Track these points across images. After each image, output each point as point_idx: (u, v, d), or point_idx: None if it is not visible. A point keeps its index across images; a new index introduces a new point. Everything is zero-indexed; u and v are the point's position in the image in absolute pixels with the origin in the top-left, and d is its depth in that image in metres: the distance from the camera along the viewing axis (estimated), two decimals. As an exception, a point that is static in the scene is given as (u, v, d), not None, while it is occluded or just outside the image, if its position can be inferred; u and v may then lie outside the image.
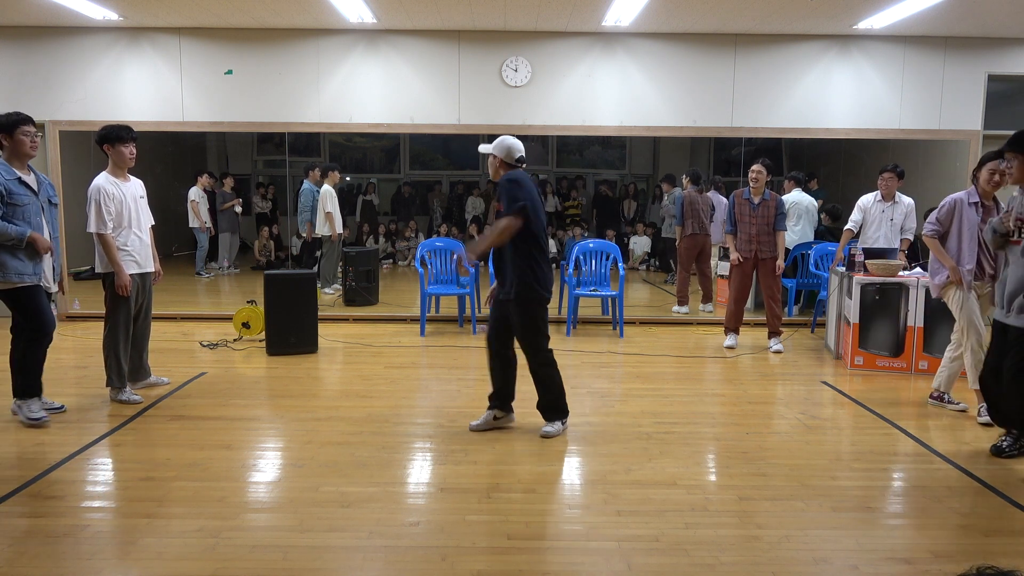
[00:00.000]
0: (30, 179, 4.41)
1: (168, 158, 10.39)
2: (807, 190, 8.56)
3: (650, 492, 3.57)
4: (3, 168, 4.29)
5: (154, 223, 5.21)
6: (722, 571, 2.86)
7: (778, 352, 6.60)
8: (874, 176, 6.60)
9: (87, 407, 4.81)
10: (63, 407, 4.72)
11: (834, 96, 7.81)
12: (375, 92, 7.75)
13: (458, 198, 12.85)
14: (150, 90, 7.70)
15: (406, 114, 7.78)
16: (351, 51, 7.71)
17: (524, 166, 4.31)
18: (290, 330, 6.29)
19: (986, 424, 4.62)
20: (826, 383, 5.65)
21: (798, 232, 7.95)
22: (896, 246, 6.43)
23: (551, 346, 4.37)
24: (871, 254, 6.16)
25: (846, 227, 6.71)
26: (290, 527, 3.18)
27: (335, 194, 9.08)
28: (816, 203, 8.26)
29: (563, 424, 4.41)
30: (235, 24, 7.48)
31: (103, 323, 4.99)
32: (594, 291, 7.48)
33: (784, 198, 7.57)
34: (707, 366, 6.17)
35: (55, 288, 4.67)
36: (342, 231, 9.37)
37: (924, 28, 7.36)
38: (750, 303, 7.53)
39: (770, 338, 6.71)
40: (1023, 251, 3.95)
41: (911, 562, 2.95)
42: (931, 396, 5.10)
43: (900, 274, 6.04)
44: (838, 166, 10.29)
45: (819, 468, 3.92)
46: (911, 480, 3.83)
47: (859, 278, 6.00)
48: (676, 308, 8.29)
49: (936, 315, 5.79)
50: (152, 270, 5.16)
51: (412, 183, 12.81)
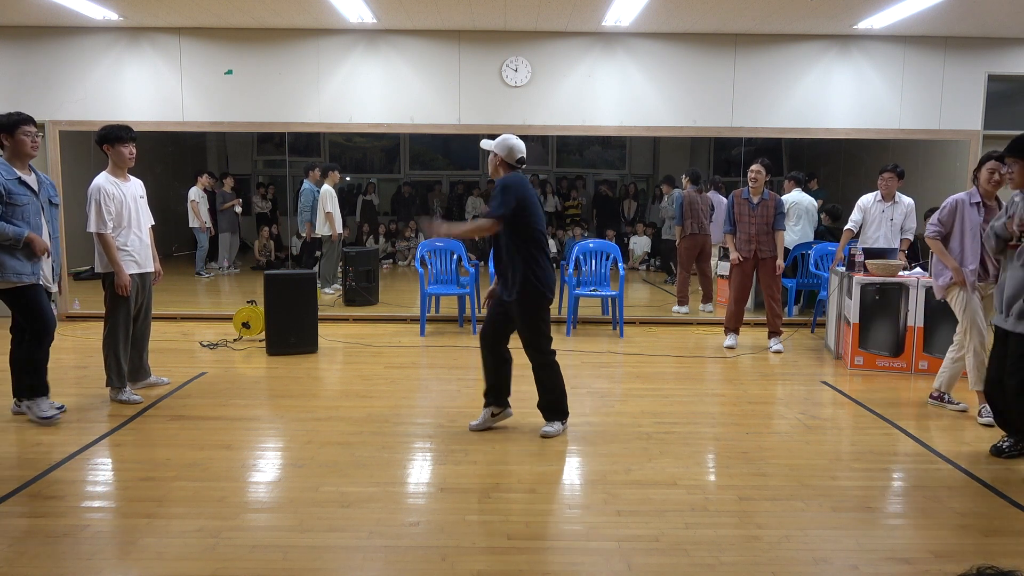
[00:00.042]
0: (31, 179, 4.42)
1: (168, 158, 10.39)
2: (807, 190, 8.55)
3: (650, 492, 3.58)
4: (3, 168, 4.29)
5: (154, 223, 5.21)
6: (722, 571, 2.86)
7: (778, 352, 6.60)
8: (874, 176, 6.60)
9: (87, 407, 4.81)
10: (63, 407, 4.72)
11: (834, 96, 7.81)
12: (375, 92, 7.75)
13: (458, 198, 12.85)
14: (150, 90, 7.71)
15: (406, 114, 7.78)
16: (351, 51, 7.71)
17: (524, 167, 4.31)
18: (290, 330, 6.29)
19: (986, 424, 4.62)
20: (826, 383, 5.65)
21: (798, 232, 7.95)
22: (896, 246, 6.43)
23: (553, 347, 4.37)
24: (871, 254, 6.16)
25: (846, 227, 6.71)
26: (290, 527, 3.18)
27: (335, 194, 9.08)
28: (816, 203, 8.26)
29: (563, 425, 4.41)
30: (235, 24, 7.48)
31: (103, 323, 4.99)
32: (594, 291, 7.48)
33: (784, 198, 7.58)
34: (707, 366, 6.18)
35: (55, 288, 4.67)
36: (342, 231, 9.37)
37: (924, 28, 7.36)
38: (750, 303, 7.52)
39: (770, 338, 6.71)
40: (1019, 254, 3.93)
41: (911, 562, 2.95)
42: (931, 396, 5.10)
43: (900, 274, 6.04)
44: (838, 166, 10.29)
45: (819, 468, 3.92)
46: (911, 480, 3.83)
47: (859, 278, 6.01)
48: (676, 308, 8.29)
49: (936, 315, 5.80)
50: (152, 270, 5.16)
51: (412, 183, 12.81)
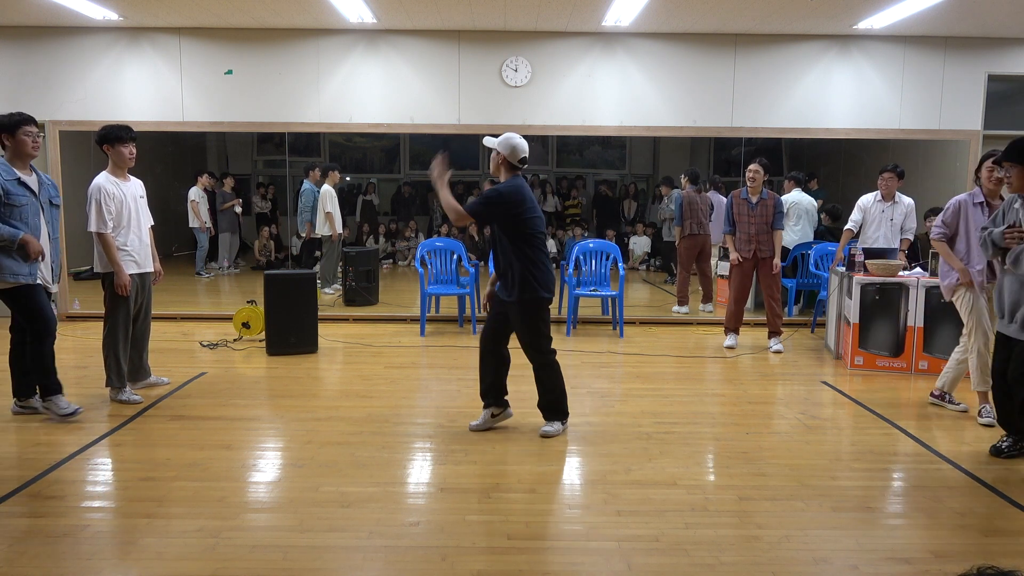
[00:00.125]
0: (31, 180, 4.41)
1: (168, 158, 10.39)
2: (807, 190, 8.55)
3: (650, 492, 3.58)
4: (3, 169, 4.29)
5: (153, 223, 5.21)
6: (722, 571, 2.86)
7: (778, 352, 6.60)
8: (874, 176, 6.60)
9: (87, 407, 4.80)
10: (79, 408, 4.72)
11: (834, 96, 7.81)
12: (375, 92, 7.75)
13: (458, 198, 12.79)
14: (150, 90, 7.71)
15: (406, 114, 7.78)
16: (351, 51, 7.71)
17: (526, 166, 4.31)
18: (290, 330, 6.29)
19: (987, 424, 4.62)
20: (826, 383, 5.65)
21: (798, 232, 7.94)
22: (896, 246, 6.43)
23: (553, 347, 4.37)
24: (871, 254, 6.16)
25: (846, 227, 6.71)
26: (290, 527, 3.18)
27: (335, 194, 9.08)
28: (816, 203, 8.26)
29: (563, 425, 4.41)
30: (235, 24, 7.48)
31: (103, 323, 4.99)
32: (594, 291, 7.48)
33: (784, 198, 7.58)
34: (707, 366, 6.17)
35: (55, 288, 4.66)
36: (342, 231, 9.37)
37: (924, 28, 7.36)
38: (750, 303, 7.52)
39: (770, 338, 6.71)
40: (1013, 259, 3.91)
41: (911, 562, 2.95)
42: (932, 394, 5.09)
43: (900, 274, 6.04)
44: (838, 166, 10.29)
45: (819, 468, 3.92)
46: (911, 480, 3.83)
47: (859, 278, 6.01)
48: (676, 308, 8.29)
49: (936, 315, 5.80)
50: (151, 270, 5.16)
51: (412, 183, 12.81)
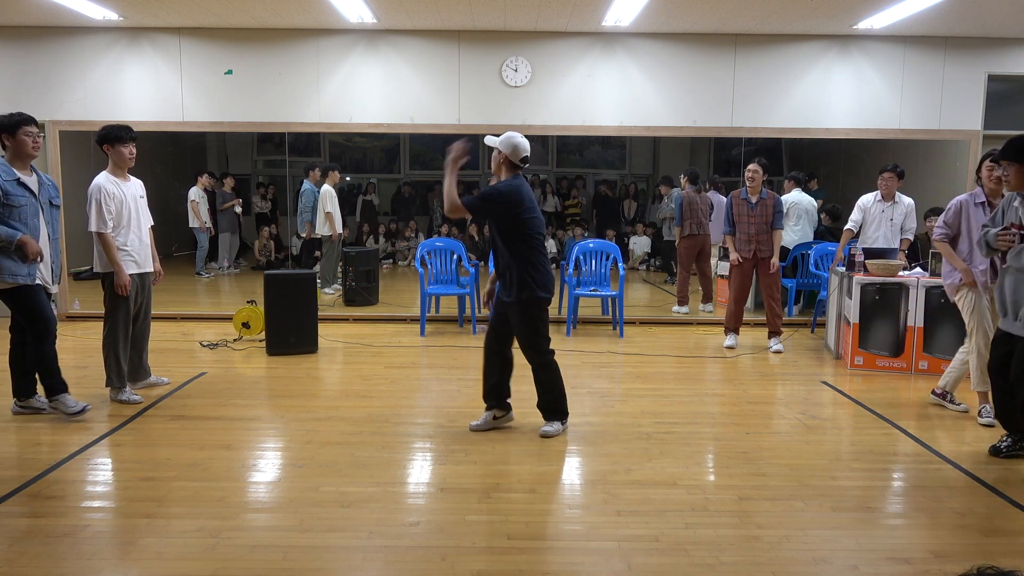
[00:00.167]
0: (31, 180, 4.41)
1: (168, 158, 10.39)
2: (807, 190, 8.55)
3: (650, 492, 3.58)
4: (2, 169, 4.29)
5: (153, 223, 5.21)
6: (722, 571, 2.86)
7: (778, 352, 6.60)
8: (874, 176, 6.60)
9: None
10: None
11: (834, 96, 7.81)
12: (375, 92, 7.75)
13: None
14: (150, 90, 7.71)
15: (406, 114, 7.78)
16: (351, 51, 7.71)
17: (528, 165, 4.31)
18: (290, 330, 6.29)
19: (986, 424, 4.62)
20: (826, 383, 5.65)
21: (798, 232, 7.95)
22: (896, 246, 6.43)
23: (552, 347, 4.37)
24: (871, 254, 6.16)
25: (846, 227, 6.71)
26: (290, 527, 3.18)
27: (335, 194, 9.08)
28: (816, 203, 8.26)
29: (562, 425, 4.40)
30: (235, 24, 7.48)
31: (103, 323, 4.99)
32: (594, 291, 7.48)
33: (784, 198, 7.58)
34: (707, 366, 6.17)
35: (55, 289, 4.66)
36: (342, 231, 9.37)
37: (924, 28, 7.36)
38: (750, 303, 7.52)
39: (770, 338, 6.71)
40: (1017, 255, 3.91)
41: (911, 562, 2.95)
42: (934, 392, 5.07)
43: (900, 274, 6.04)
44: (838, 166, 10.29)
45: (819, 468, 3.92)
46: (911, 480, 3.83)
47: (859, 278, 6.00)
48: (676, 308, 8.29)
49: (936, 315, 5.80)
50: (151, 270, 5.16)
51: (412, 183, 12.81)
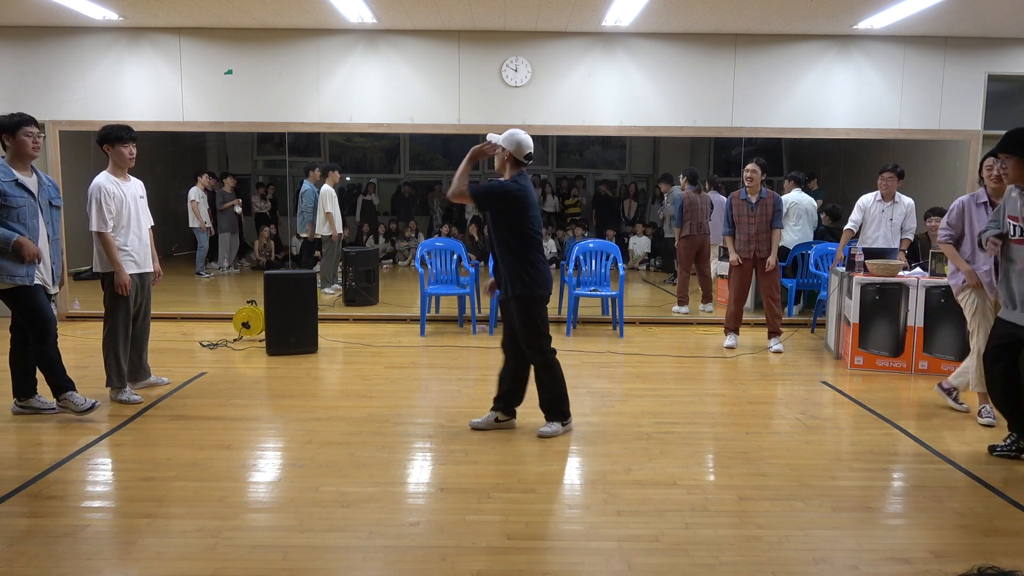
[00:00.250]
0: (30, 181, 4.41)
1: (168, 158, 10.40)
2: (807, 190, 8.56)
3: (650, 492, 3.57)
4: (1, 170, 4.28)
5: (153, 223, 5.21)
6: (722, 571, 2.86)
7: (778, 352, 6.60)
8: (874, 176, 6.61)
9: (87, 407, 4.80)
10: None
11: (834, 96, 7.81)
12: (375, 92, 7.75)
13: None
14: (150, 90, 7.71)
15: (406, 114, 7.78)
16: (351, 51, 7.71)
17: (531, 162, 4.29)
18: (290, 330, 6.29)
19: (987, 424, 4.62)
20: (826, 383, 5.65)
21: (798, 232, 7.95)
22: (896, 246, 6.43)
23: (553, 346, 4.36)
24: (871, 254, 6.16)
25: (846, 227, 6.71)
26: (290, 527, 3.18)
27: (335, 194, 9.08)
28: (816, 203, 8.26)
29: (562, 426, 4.37)
30: (235, 24, 7.48)
31: (102, 323, 4.99)
32: (594, 291, 7.48)
33: (784, 198, 7.58)
34: (707, 366, 6.17)
35: (55, 290, 4.65)
36: (342, 231, 9.37)
37: (924, 28, 7.36)
38: (750, 303, 7.52)
39: (770, 338, 6.71)
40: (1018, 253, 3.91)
41: (911, 562, 2.95)
42: (941, 385, 5.01)
43: (900, 274, 6.04)
44: (838, 166, 10.29)
45: (819, 468, 3.92)
46: (911, 480, 3.83)
47: (859, 278, 6.00)
48: (676, 308, 8.29)
49: (936, 315, 5.79)
50: (151, 270, 5.16)
51: (412, 183, 12.81)
